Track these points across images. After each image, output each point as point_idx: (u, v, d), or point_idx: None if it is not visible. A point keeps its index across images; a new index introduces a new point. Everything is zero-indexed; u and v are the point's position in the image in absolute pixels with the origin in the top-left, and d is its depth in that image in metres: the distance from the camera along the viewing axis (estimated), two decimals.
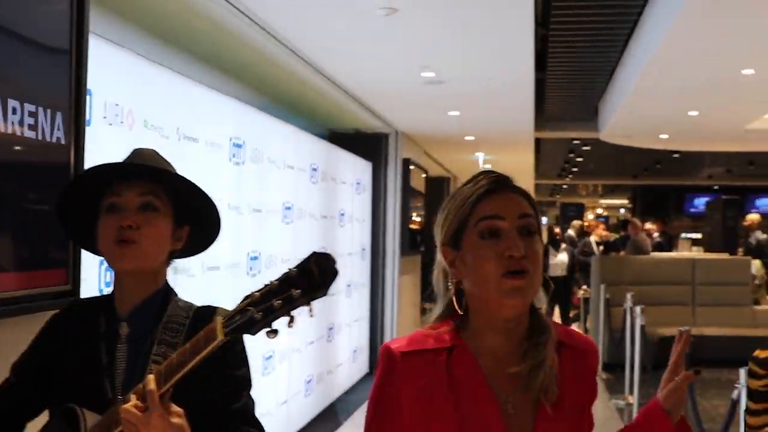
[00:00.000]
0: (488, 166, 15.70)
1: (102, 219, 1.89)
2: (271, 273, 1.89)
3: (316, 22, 5.76)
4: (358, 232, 9.45)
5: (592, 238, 14.86)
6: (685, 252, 16.11)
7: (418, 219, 11.87)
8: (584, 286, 13.83)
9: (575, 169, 21.32)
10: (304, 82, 7.20)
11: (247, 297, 1.58)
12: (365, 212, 9.85)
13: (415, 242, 11.51)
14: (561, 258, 14.33)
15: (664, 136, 12.88)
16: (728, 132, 12.02)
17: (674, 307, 10.69)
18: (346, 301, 8.74)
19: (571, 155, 18.48)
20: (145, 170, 1.92)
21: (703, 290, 11.05)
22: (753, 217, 14.63)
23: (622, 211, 33.11)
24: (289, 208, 6.51)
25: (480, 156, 14.30)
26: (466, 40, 6.30)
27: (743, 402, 2.84)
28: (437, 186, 14.81)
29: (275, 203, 6.17)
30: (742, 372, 3.00)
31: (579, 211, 24.42)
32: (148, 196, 1.88)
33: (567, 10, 7.39)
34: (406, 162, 10.74)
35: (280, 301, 1.54)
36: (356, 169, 9.38)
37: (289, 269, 1.56)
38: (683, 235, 21.45)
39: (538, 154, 15.62)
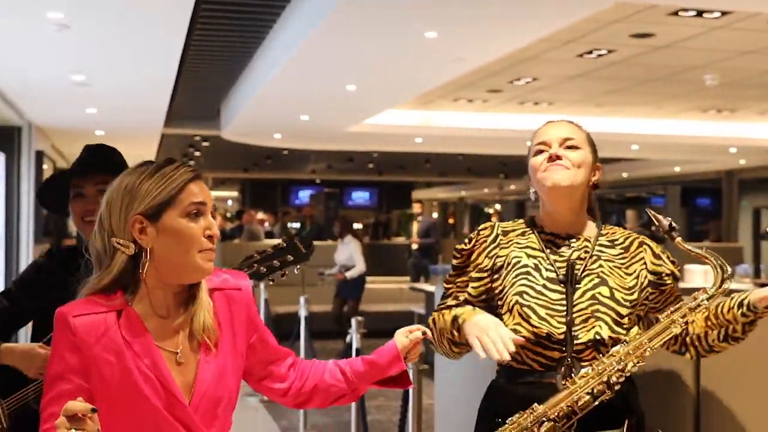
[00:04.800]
0: None
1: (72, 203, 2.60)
2: None
3: None
4: None
5: None
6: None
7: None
8: None
9: (192, 163, 22.03)
10: None
11: (249, 257, 2.33)
12: None
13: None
14: None
15: (278, 136, 14.09)
16: (333, 134, 13.50)
17: (286, 288, 11.79)
18: None
19: (191, 149, 19.21)
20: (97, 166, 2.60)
21: (312, 272, 12.41)
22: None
23: (230, 203, 34.28)
24: None
25: None
26: (123, 53, 7.07)
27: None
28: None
29: None
30: None
31: None
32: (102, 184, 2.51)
33: (207, 25, 8.35)
34: (39, 154, 11.01)
35: (278, 262, 2.32)
36: None
37: (280, 243, 2.31)
38: (290, 224, 23.17)
39: (159, 148, 16.20)
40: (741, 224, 19.31)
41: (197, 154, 19.87)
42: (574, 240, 2.34)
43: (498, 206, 30.16)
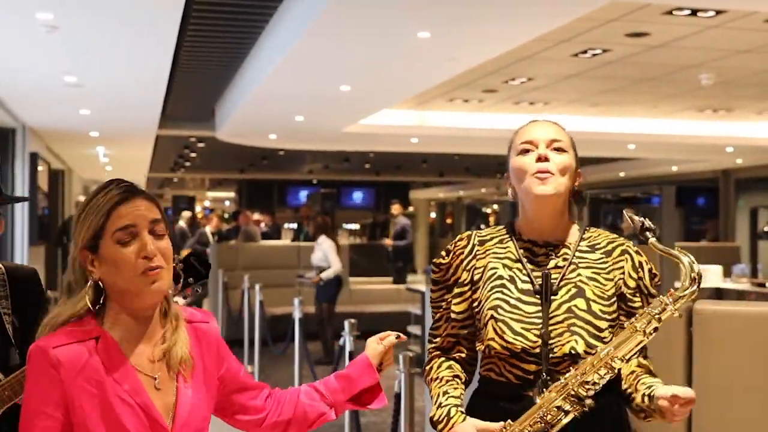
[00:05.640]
0: (106, 159, 16.15)
1: None
2: None
3: None
4: None
5: (208, 229, 15.73)
6: (288, 240, 17.58)
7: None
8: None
9: (188, 164, 22.01)
10: None
11: None
12: None
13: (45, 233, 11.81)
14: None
15: (273, 137, 14.05)
16: (328, 134, 13.48)
17: (282, 289, 11.52)
18: None
19: (186, 151, 19.17)
20: None
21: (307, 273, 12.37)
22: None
23: (227, 203, 34.26)
24: None
25: (101, 150, 14.68)
26: (114, 54, 7.04)
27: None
28: (54, 178, 14.94)
29: None
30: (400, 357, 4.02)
31: (191, 203, 25.33)
32: None
33: (200, 26, 8.32)
34: (34, 156, 10.99)
35: (179, 285, 2.13)
36: None
37: (176, 264, 2.20)
38: (286, 225, 23.19)
39: (154, 149, 16.18)
40: (738, 224, 19.28)
41: (193, 155, 19.84)
42: (552, 248, 2.27)
43: (495, 206, 30.13)
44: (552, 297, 2.19)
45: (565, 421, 2.08)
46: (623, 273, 2.24)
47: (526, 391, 2.18)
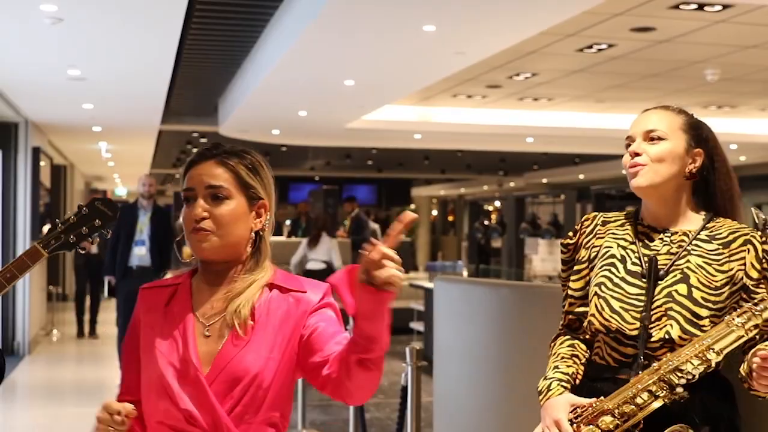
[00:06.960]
0: (109, 155, 16.12)
1: None
2: None
3: None
4: None
5: None
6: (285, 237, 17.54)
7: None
8: None
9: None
10: None
11: (51, 229, 2.24)
12: None
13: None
14: None
15: (276, 132, 14.05)
16: (331, 130, 13.45)
17: None
18: None
19: (189, 146, 19.14)
20: None
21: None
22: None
23: None
24: None
25: (103, 145, 14.64)
26: (118, 47, 7.00)
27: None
28: (57, 174, 14.90)
29: None
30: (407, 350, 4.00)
31: None
32: None
33: (202, 20, 8.28)
34: (36, 151, 10.95)
35: (86, 229, 2.24)
36: None
37: (80, 208, 2.24)
38: (288, 221, 23.15)
39: (157, 145, 16.14)
40: (742, 221, 19.23)
41: (195, 150, 19.77)
42: (670, 234, 2.27)
43: (498, 203, 30.09)
44: (658, 282, 2.20)
45: (655, 406, 2.07)
46: (743, 264, 2.20)
47: (623, 374, 2.19)
